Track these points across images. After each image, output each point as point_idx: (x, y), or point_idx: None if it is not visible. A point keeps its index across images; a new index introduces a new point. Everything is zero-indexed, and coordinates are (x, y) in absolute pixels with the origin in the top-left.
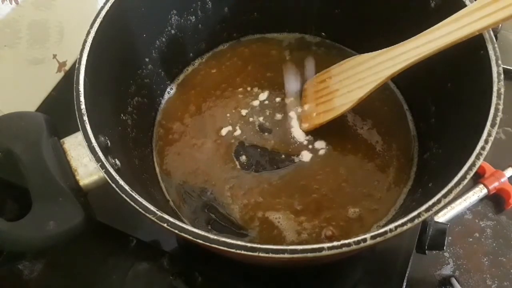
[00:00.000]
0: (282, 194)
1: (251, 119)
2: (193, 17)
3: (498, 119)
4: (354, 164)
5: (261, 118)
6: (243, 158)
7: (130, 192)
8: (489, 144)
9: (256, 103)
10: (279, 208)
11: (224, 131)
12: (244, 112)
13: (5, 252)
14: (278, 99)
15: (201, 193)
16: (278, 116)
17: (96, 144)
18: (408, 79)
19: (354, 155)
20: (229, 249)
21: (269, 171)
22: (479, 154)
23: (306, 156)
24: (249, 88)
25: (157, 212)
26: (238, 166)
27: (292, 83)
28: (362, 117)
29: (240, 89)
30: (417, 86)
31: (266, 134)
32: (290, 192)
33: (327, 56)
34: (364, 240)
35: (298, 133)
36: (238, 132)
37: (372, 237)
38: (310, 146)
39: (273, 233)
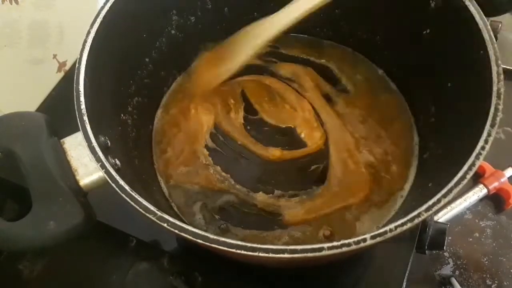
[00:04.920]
0: None
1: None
2: (193, 17)
3: (498, 119)
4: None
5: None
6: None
7: (130, 192)
8: (489, 144)
9: None
10: None
11: None
12: None
13: (5, 252)
14: None
15: (200, 193)
16: None
17: (96, 144)
18: (408, 79)
19: (353, 154)
20: (229, 249)
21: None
22: (479, 154)
23: None
24: None
25: (157, 212)
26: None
27: None
28: (362, 116)
29: None
30: (417, 86)
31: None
32: None
33: (327, 56)
34: (364, 240)
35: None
36: None
37: (372, 237)
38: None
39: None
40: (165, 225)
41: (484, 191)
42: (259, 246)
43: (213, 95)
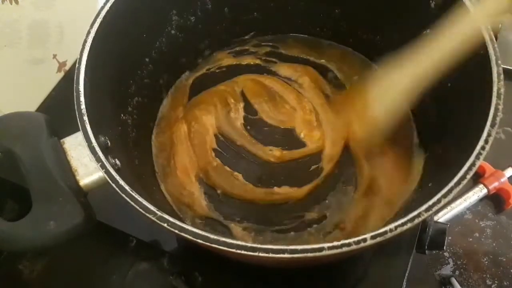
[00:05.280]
0: None
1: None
2: (193, 17)
3: (498, 119)
4: None
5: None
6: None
7: (130, 192)
8: (489, 144)
9: None
10: None
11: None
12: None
13: (5, 252)
14: None
15: (200, 192)
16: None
17: (96, 144)
18: None
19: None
20: (229, 249)
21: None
22: (479, 154)
23: None
24: None
25: (157, 212)
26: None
27: None
28: None
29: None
30: None
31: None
32: None
33: (327, 56)
34: (364, 240)
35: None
36: None
37: (372, 237)
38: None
39: None
40: (165, 225)
41: (484, 191)
42: (259, 246)
43: (212, 95)
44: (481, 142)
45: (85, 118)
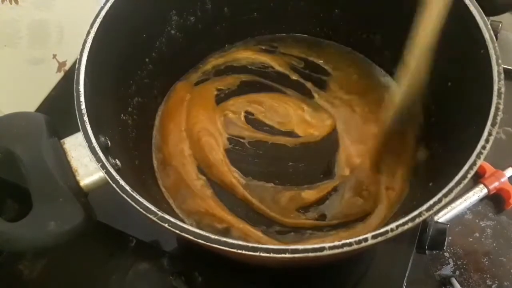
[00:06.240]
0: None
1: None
2: (193, 17)
3: (499, 118)
4: None
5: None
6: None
7: (131, 192)
8: (490, 143)
9: None
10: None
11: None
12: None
13: (5, 252)
14: None
15: (201, 193)
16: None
17: (97, 144)
18: None
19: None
20: (230, 249)
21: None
22: (480, 153)
23: None
24: None
25: (158, 212)
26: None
27: None
28: (362, 116)
29: None
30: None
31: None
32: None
33: (326, 56)
34: (365, 239)
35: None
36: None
37: (373, 237)
38: None
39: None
40: (166, 225)
41: (485, 191)
42: (260, 246)
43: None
44: (481, 142)
45: (85, 118)
